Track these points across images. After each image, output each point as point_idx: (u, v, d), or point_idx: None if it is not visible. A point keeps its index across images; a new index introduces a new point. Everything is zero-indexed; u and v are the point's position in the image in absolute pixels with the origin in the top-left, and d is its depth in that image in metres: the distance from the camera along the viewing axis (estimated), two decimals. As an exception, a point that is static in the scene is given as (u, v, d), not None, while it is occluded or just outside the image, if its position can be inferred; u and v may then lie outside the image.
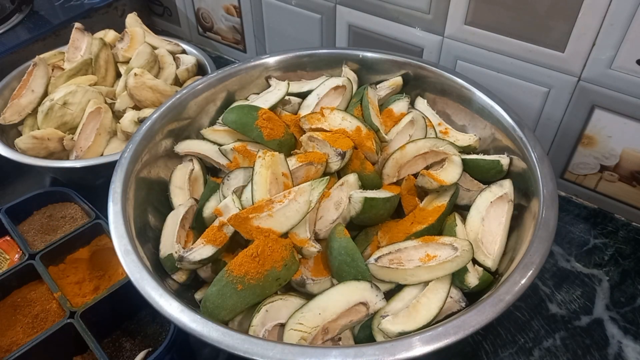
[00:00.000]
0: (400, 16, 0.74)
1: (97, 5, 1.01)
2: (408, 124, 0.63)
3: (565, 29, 0.61)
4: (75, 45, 0.85)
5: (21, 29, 0.96)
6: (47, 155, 0.72)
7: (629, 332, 0.57)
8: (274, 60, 0.71)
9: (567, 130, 0.68)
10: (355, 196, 0.53)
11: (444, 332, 0.39)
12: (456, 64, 0.73)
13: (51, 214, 0.69)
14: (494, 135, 0.61)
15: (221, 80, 0.68)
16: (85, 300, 0.58)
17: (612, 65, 0.60)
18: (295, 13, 0.86)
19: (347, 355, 0.37)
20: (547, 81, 0.66)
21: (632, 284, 0.61)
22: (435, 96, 0.68)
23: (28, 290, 0.60)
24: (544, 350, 0.55)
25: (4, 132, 0.75)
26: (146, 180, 0.58)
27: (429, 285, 0.48)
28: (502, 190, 0.56)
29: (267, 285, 0.47)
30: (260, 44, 0.98)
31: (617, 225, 0.69)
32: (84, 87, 0.75)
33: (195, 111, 0.66)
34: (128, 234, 0.48)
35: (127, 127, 0.73)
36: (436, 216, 0.54)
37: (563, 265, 0.64)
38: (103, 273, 0.62)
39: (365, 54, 0.70)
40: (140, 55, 0.80)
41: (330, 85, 0.66)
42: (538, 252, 0.45)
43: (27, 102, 0.77)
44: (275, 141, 0.59)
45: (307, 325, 0.44)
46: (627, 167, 0.66)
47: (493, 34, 0.66)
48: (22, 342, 0.54)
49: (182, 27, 1.11)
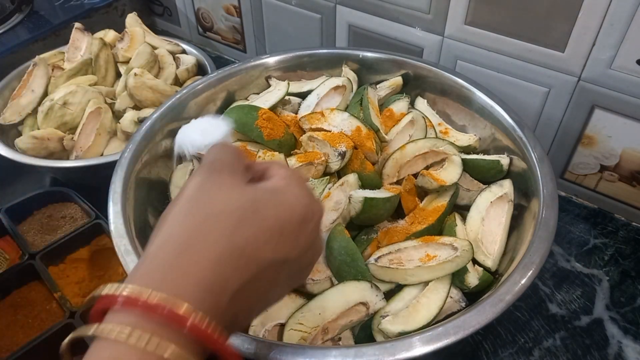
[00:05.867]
0: (400, 16, 0.74)
1: (97, 5, 1.01)
2: (408, 124, 0.63)
3: (565, 29, 0.61)
4: (75, 45, 0.85)
5: (21, 29, 0.96)
6: (47, 155, 0.72)
7: (629, 332, 0.57)
8: (274, 60, 0.71)
9: (567, 130, 0.68)
10: (355, 196, 0.53)
11: (444, 332, 0.39)
12: (456, 64, 0.73)
13: (51, 214, 0.69)
14: (494, 135, 0.61)
15: (221, 80, 0.68)
16: (85, 300, 0.58)
17: (612, 65, 0.60)
18: (295, 13, 0.86)
19: (347, 355, 0.37)
20: (547, 81, 0.66)
21: (632, 284, 0.61)
22: (435, 96, 0.68)
23: (28, 290, 0.60)
24: (544, 350, 0.55)
25: (4, 132, 0.75)
26: (146, 180, 0.58)
27: (429, 285, 0.48)
28: (502, 190, 0.56)
29: (267, 285, 0.47)
30: (260, 44, 0.98)
31: (617, 225, 0.69)
32: (84, 87, 0.75)
33: (195, 111, 0.66)
34: (128, 234, 0.48)
35: (127, 127, 0.73)
36: (436, 216, 0.54)
37: (563, 265, 0.64)
38: (103, 273, 0.62)
39: (365, 54, 0.70)
40: (140, 55, 0.80)
41: (330, 85, 0.66)
42: (538, 252, 0.45)
43: (27, 102, 0.77)
44: (275, 141, 0.59)
45: (307, 325, 0.44)
46: (627, 167, 0.66)
47: (493, 34, 0.66)
48: (22, 342, 0.54)
49: (182, 27, 1.11)
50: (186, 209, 0.28)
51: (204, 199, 0.29)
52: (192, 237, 0.27)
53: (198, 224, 0.27)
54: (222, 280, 0.26)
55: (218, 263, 0.26)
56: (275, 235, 0.28)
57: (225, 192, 0.29)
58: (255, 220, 0.28)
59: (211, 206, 0.28)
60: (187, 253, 0.26)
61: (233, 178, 0.30)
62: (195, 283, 0.25)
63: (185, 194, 0.29)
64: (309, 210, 0.31)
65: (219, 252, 0.26)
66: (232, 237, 0.27)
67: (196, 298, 0.24)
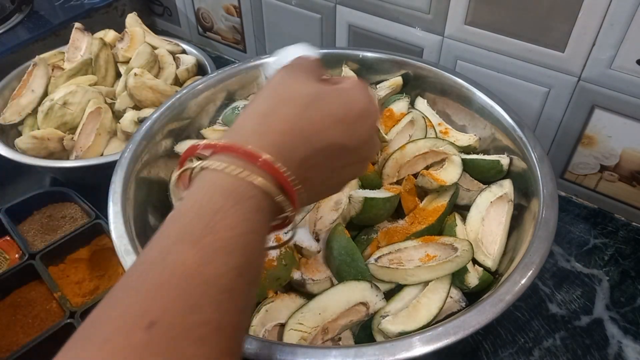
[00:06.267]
0: (400, 16, 0.74)
1: (97, 5, 1.01)
2: (408, 124, 0.63)
3: (565, 29, 0.61)
4: (75, 45, 0.85)
5: (21, 29, 0.96)
6: (47, 155, 0.72)
7: (629, 332, 0.57)
8: (274, 60, 0.71)
9: (567, 130, 0.68)
10: (355, 196, 0.53)
11: (444, 332, 0.39)
12: (456, 64, 0.73)
13: (51, 214, 0.69)
14: (494, 135, 0.61)
15: (221, 80, 0.68)
16: (85, 300, 0.58)
17: (612, 65, 0.60)
18: (295, 13, 0.86)
19: (347, 355, 0.37)
20: (547, 81, 0.66)
21: (632, 284, 0.61)
22: (435, 96, 0.68)
23: (28, 290, 0.60)
24: (544, 350, 0.55)
25: (4, 132, 0.75)
26: (146, 180, 0.58)
27: (429, 285, 0.48)
28: (502, 190, 0.56)
29: (267, 285, 0.47)
30: (260, 44, 0.98)
31: (617, 225, 0.69)
32: (84, 87, 0.75)
33: (195, 111, 0.66)
34: (128, 234, 0.48)
35: (127, 127, 0.73)
36: (436, 216, 0.54)
37: (563, 265, 0.64)
38: (103, 273, 0.62)
39: (365, 54, 0.70)
40: (140, 55, 0.80)
41: (330, 85, 0.66)
42: (538, 252, 0.45)
43: (27, 102, 0.77)
44: (275, 141, 0.59)
45: (307, 325, 0.44)
46: (627, 167, 0.66)
47: (493, 34, 0.66)
48: (22, 342, 0.54)
49: (182, 27, 1.11)
50: (266, 93, 0.36)
51: (280, 87, 0.36)
52: (268, 114, 0.34)
53: (274, 104, 0.34)
54: (291, 146, 0.32)
55: (288, 133, 0.33)
56: (336, 122, 0.35)
57: (299, 84, 0.36)
58: (320, 107, 0.34)
59: (286, 92, 0.35)
60: (264, 124, 0.33)
61: (307, 76, 0.37)
62: (271, 143, 0.32)
63: (268, 84, 0.37)
64: (367, 108, 0.37)
65: (289, 126, 0.33)
66: (300, 115, 0.34)
67: (272, 152, 0.31)
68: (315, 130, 0.34)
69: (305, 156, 0.33)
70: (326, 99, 0.35)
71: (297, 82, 0.36)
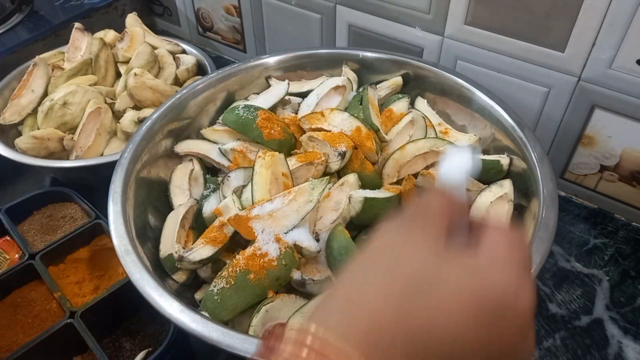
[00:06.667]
0: (400, 16, 0.74)
1: (97, 5, 1.01)
2: (408, 124, 0.63)
3: (565, 29, 0.61)
4: (75, 45, 0.85)
5: (21, 29, 0.96)
6: (47, 155, 0.72)
7: (629, 332, 0.57)
8: (274, 60, 0.71)
9: (567, 130, 0.68)
10: (355, 196, 0.53)
11: (444, 332, 0.39)
12: (456, 64, 0.73)
13: (51, 214, 0.69)
14: (494, 135, 0.61)
15: (221, 80, 0.68)
16: (85, 300, 0.58)
17: (612, 65, 0.60)
18: (295, 13, 0.86)
19: (347, 355, 0.37)
20: (547, 81, 0.66)
21: (632, 284, 0.61)
22: (435, 96, 0.68)
23: (28, 290, 0.60)
24: (544, 350, 0.55)
25: (4, 132, 0.75)
26: (146, 180, 0.58)
27: (429, 285, 0.48)
28: (502, 190, 0.56)
29: (267, 284, 0.47)
30: (260, 44, 0.98)
31: (617, 225, 0.69)
32: (84, 87, 0.75)
33: (195, 111, 0.66)
34: (128, 234, 0.48)
35: (127, 127, 0.73)
36: (436, 216, 0.54)
37: (563, 265, 0.64)
38: (103, 273, 0.62)
39: (365, 54, 0.70)
40: (140, 55, 0.80)
41: (330, 85, 0.66)
42: (538, 252, 0.45)
43: (27, 102, 0.77)
44: (275, 141, 0.59)
45: (307, 325, 0.44)
46: (627, 167, 0.66)
47: (493, 34, 0.66)
48: (22, 342, 0.54)
49: (182, 27, 1.11)
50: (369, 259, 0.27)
51: (387, 253, 0.26)
52: (361, 293, 0.25)
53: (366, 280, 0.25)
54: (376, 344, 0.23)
55: (381, 330, 0.23)
56: (462, 317, 0.23)
57: (413, 252, 0.26)
58: (432, 297, 0.24)
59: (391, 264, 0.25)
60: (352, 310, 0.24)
61: (426, 236, 0.26)
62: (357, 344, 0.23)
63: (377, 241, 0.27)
64: (515, 294, 0.25)
65: (384, 320, 0.23)
66: (398, 308, 0.23)
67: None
68: (420, 337, 0.23)
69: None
70: (441, 284, 0.24)
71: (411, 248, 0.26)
